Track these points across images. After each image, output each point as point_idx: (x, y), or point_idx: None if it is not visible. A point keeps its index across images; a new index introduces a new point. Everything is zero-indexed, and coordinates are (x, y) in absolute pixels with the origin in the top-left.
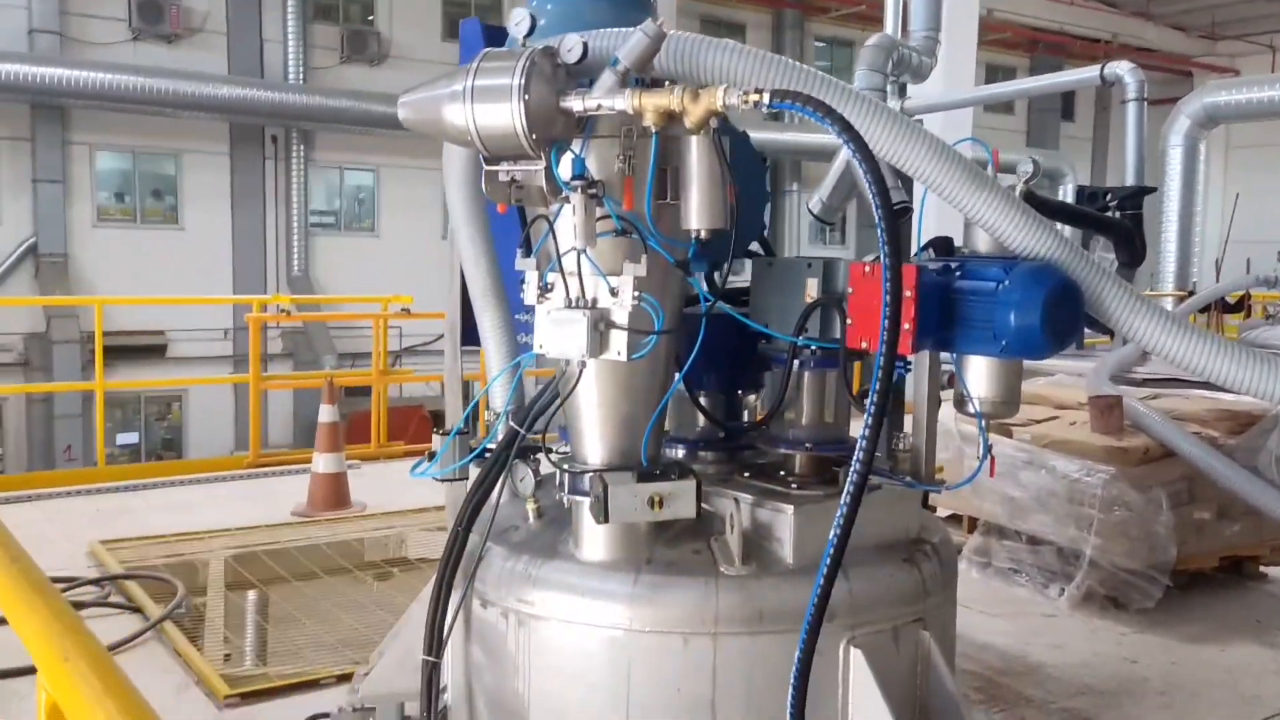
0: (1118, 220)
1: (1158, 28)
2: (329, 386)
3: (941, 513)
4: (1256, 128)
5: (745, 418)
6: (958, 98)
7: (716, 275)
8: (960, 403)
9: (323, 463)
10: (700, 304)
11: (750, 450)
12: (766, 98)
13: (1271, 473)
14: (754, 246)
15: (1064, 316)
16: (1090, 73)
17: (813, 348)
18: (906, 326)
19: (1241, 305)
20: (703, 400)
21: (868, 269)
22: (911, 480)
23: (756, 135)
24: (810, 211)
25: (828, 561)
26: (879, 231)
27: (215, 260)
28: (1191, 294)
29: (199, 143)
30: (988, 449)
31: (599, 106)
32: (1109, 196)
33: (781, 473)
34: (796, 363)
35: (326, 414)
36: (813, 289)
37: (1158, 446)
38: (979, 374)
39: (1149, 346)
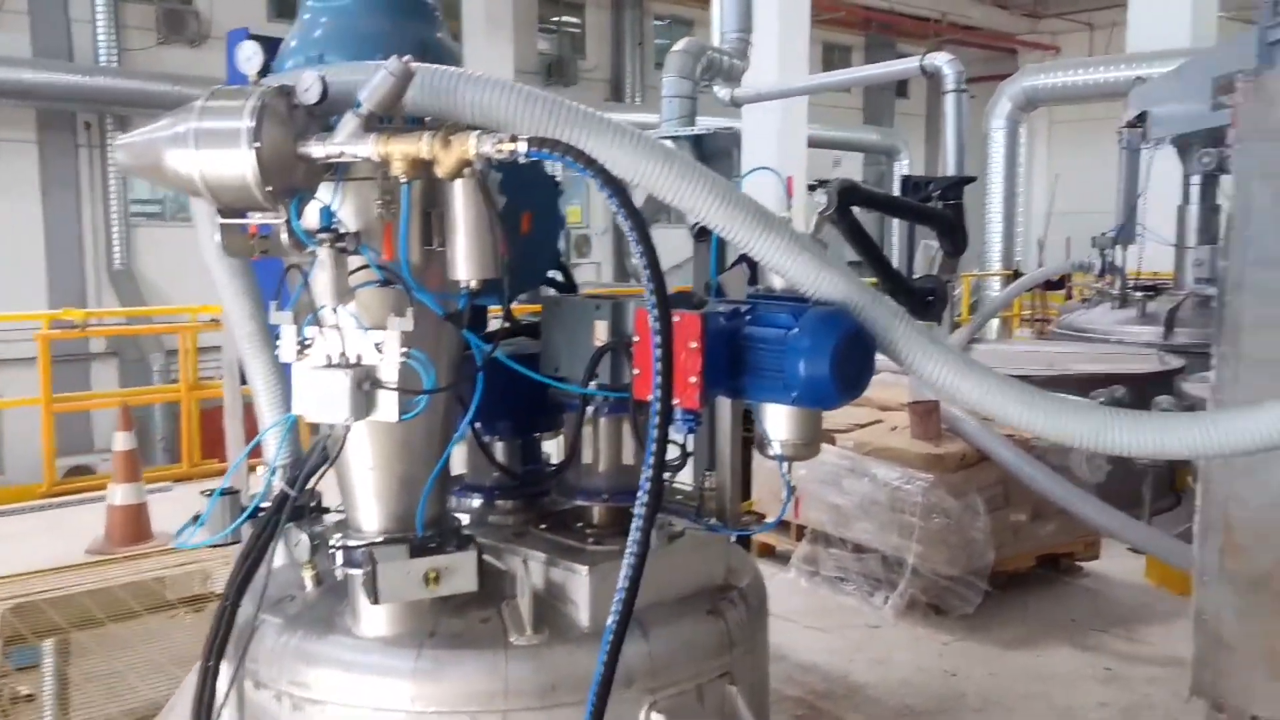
0: (940, 211)
1: (983, 6)
2: (123, 412)
3: (770, 519)
4: (1076, 105)
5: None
6: (787, 87)
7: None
8: (761, 445)
9: (120, 494)
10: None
11: (550, 495)
12: (523, 146)
13: (1082, 471)
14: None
15: (855, 362)
16: (911, 64)
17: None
18: (693, 380)
19: (1063, 284)
20: (499, 446)
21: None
22: (716, 524)
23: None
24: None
25: (613, 628)
26: (646, 288)
27: (26, 255)
28: (1018, 274)
29: (2, 130)
30: (790, 491)
31: (341, 154)
32: (931, 186)
33: (580, 524)
34: (590, 409)
35: (122, 441)
36: (601, 332)
37: (974, 452)
38: (778, 417)
39: (942, 391)
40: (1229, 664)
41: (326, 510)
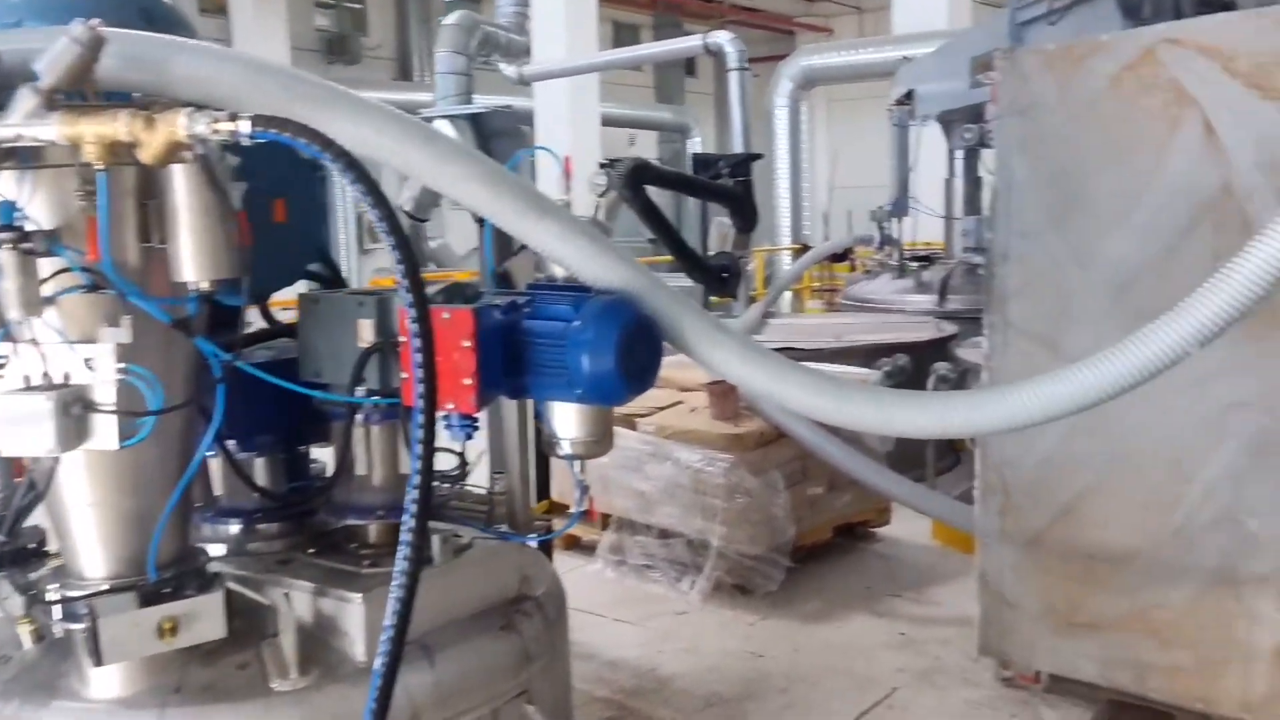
0: (730, 187)
1: None
2: None
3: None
4: (850, 84)
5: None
6: (575, 65)
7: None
8: (550, 445)
9: None
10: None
11: (320, 515)
12: (246, 126)
13: (873, 442)
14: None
15: (642, 353)
16: (695, 42)
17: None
18: (467, 381)
19: (847, 256)
20: (259, 463)
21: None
22: (507, 531)
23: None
24: (402, 209)
25: (384, 662)
26: (401, 284)
27: None
28: (806, 248)
29: None
30: (584, 490)
31: (19, 136)
32: (721, 164)
33: (354, 545)
34: (360, 417)
35: None
36: (366, 332)
37: (772, 429)
38: (566, 415)
39: (730, 380)
40: (1013, 622)
41: (48, 555)
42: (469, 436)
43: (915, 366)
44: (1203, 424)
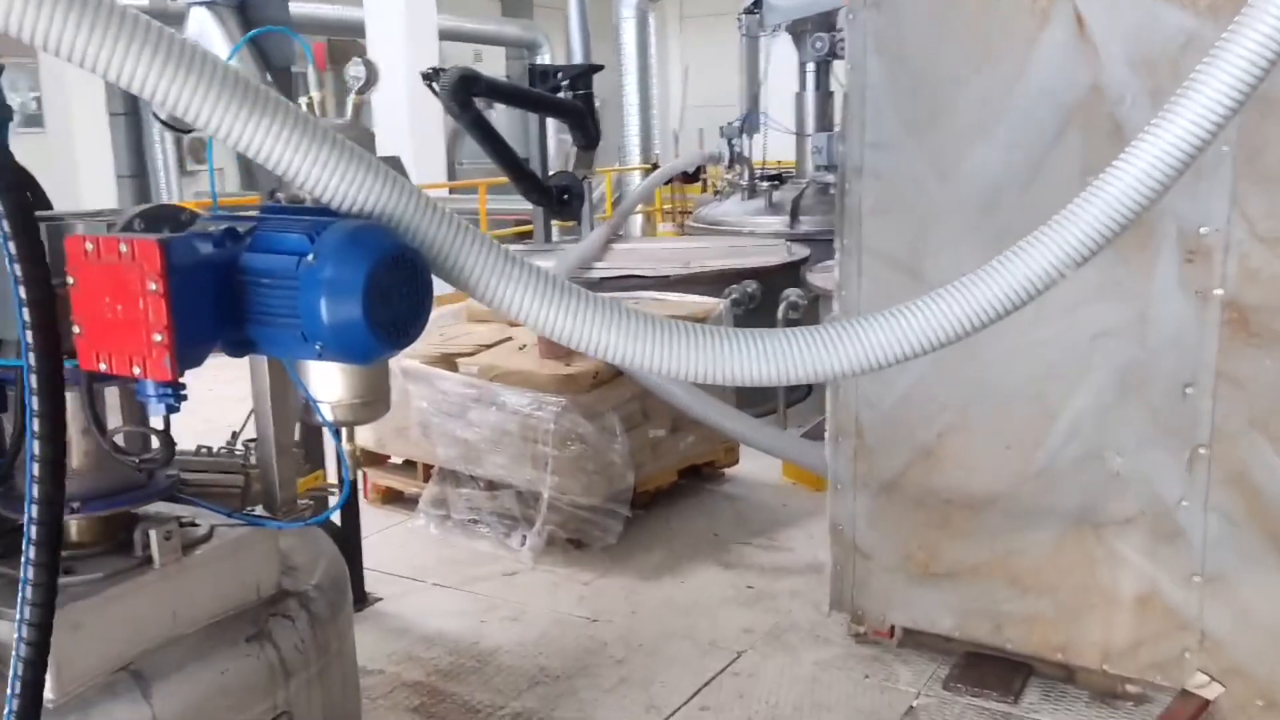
0: (570, 102)
1: None
2: None
3: (395, 460)
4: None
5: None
6: None
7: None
8: (308, 409)
9: None
10: None
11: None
12: None
13: None
14: None
15: (403, 297)
16: None
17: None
18: (158, 337)
19: (698, 176)
20: None
21: (91, 245)
22: (262, 515)
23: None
24: (155, 116)
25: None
26: None
27: None
28: (655, 166)
29: None
30: (349, 475)
31: None
32: (559, 75)
33: None
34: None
35: None
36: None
37: (607, 368)
38: (323, 373)
39: (529, 322)
40: (866, 574)
41: None
42: (172, 409)
43: (765, 293)
44: (1069, 355)
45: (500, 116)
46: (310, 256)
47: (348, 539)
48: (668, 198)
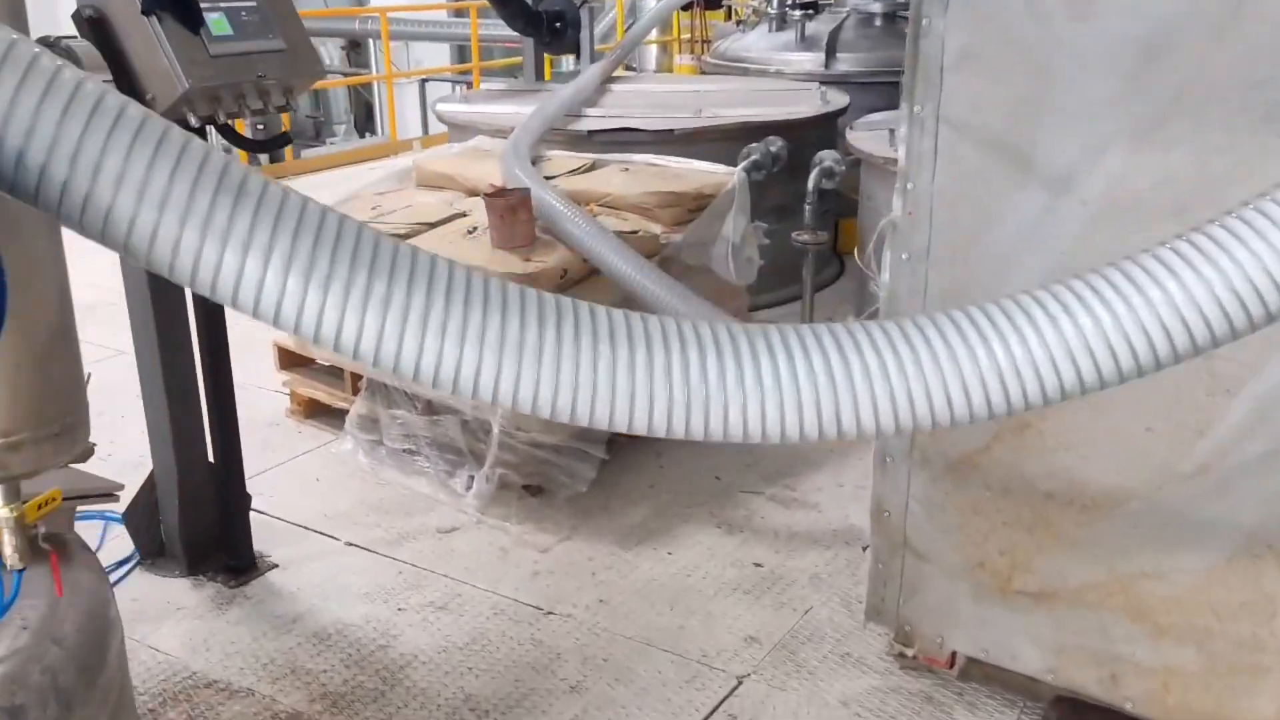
0: None
1: None
2: None
3: (321, 362)
4: None
5: None
6: None
7: None
8: None
9: None
10: None
11: None
12: None
13: (725, 267)
14: None
15: None
16: None
17: None
18: None
19: (720, 1)
20: None
21: None
22: None
23: None
24: None
25: None
26: None
27: None
28: None
29: None
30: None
31: None
32: None
33: None
34: None
35: None
36: None
37: (580, 262)
38: None
39: (212, 291)
40: (918, 578)
41: None
42: None
43: (793, 154)
44: None
45: None
46: None
47: (227, 483)
48: (687, 25)
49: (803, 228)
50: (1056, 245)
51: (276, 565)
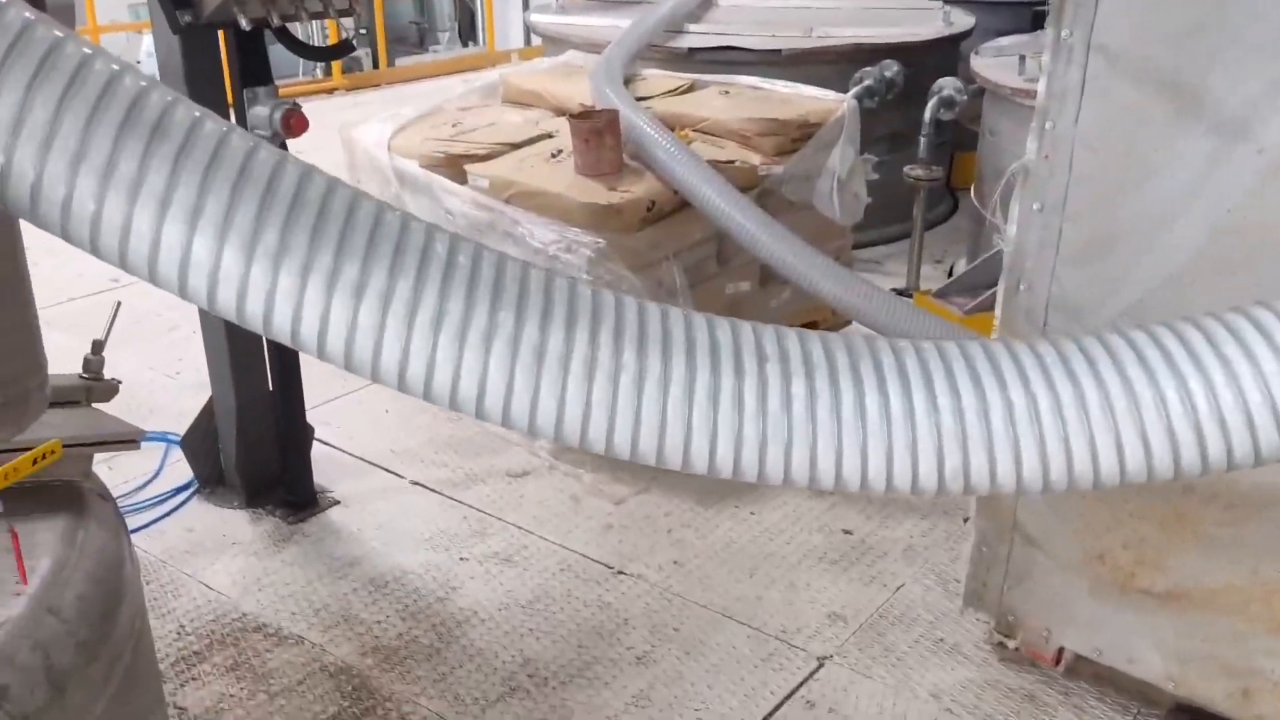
0: None
1: None
2: None
3: None
4: None
5: None
6: None
7: None
8: None
9: None
10: None
11: None
12: None
13: (829, 204)
14: None
15: None
16: None
17: None
18: None
19: None
20: None
21: None
22: None
23: None
24: None
25: None
26: None
27: None
28: None
29: None
30: None
31: None
32: None
33: None
34: None
35: None
36: None
37: (670, 194)
38: None
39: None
40: (1027, 565)
41: None
42: None
43: (909, 80)
44: None
45: None
46: None
47: (286, 414)
48: None
49: (916, 161)
50: (1224, 200)
51: (338, 502)
